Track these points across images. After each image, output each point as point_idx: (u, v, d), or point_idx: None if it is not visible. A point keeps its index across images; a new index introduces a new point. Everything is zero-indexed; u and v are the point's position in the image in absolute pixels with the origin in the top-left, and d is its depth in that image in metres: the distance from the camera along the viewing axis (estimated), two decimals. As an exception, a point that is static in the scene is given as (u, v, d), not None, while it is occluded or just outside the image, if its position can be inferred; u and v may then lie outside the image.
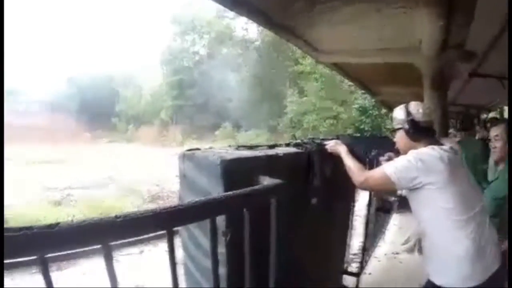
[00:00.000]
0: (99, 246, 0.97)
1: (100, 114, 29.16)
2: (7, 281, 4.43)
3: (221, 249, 1.37)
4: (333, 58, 4.91)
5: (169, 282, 1.12)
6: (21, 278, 4.44)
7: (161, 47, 29.81)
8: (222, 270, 1.40)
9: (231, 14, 26.26)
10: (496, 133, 2.40)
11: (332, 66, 5.76)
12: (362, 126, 22.21)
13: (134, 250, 5.57)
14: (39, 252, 0.88)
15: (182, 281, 1.46)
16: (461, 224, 1.67)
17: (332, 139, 2.23)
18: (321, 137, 2.38)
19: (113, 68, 31.51)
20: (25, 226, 0.86)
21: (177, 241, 1.24)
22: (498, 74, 4.91)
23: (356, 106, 23.15)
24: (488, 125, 4.79)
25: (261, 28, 19.71)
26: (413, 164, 1.69)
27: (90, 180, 12.01)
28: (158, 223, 0.94)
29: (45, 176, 12.31)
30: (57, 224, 0.88)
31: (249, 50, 28.93)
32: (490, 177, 2.80)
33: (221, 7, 20.74)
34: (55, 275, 0.92)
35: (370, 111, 22.44)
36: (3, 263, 0.79)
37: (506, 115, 10.94)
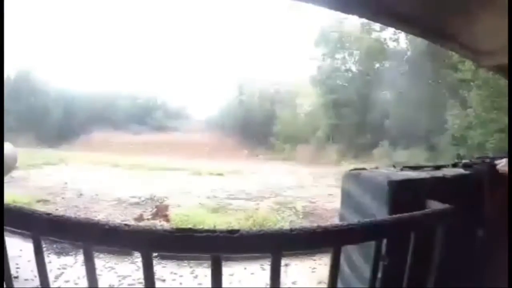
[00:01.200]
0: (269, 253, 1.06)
1: (258, 133, 31.73)
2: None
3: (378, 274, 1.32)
4: (498, 59, 4.12)
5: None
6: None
7: (312, 67, 30.43)
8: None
9: (377, 26, 25.03)
10: None
11: (495, 69, 4.86)
12: (536, 140, 17.60)
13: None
14: (217, 252, 1.01)
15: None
16: None
17: (503, 157, 1.92)
18: (491, 155, 2.08)
19: (268, 88, 34.01)
20: (208, 229, 1.01)
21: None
22: None
23: (526, 115, 18.47)
24: None
25: (411, 36, 18.18)
26: None
27: (247, 192, 12.95)
28: (328, 239, 0.97)
29: (206, 186, 13.73)
30: (238, 230, 1.00)
31: (402, 62, 26.98)
32: None
33: (365, 20, 20.10)
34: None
35: (545, 120, 17.56)
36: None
37: None
